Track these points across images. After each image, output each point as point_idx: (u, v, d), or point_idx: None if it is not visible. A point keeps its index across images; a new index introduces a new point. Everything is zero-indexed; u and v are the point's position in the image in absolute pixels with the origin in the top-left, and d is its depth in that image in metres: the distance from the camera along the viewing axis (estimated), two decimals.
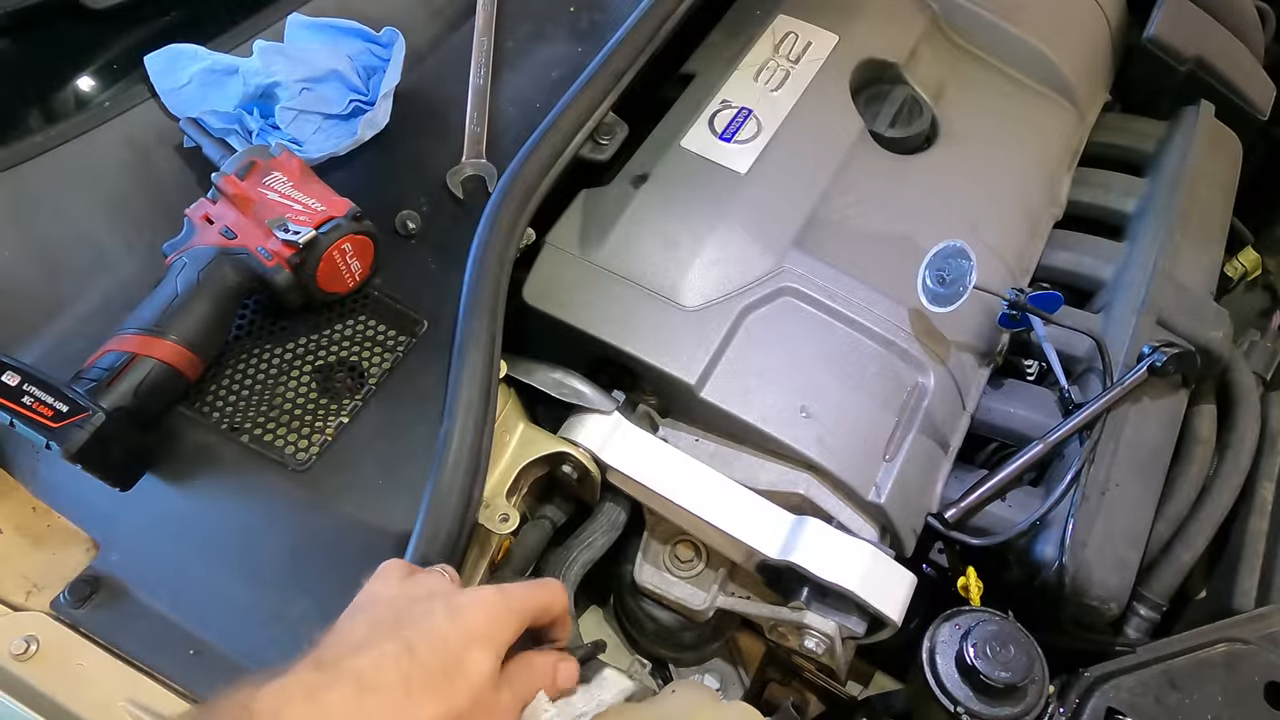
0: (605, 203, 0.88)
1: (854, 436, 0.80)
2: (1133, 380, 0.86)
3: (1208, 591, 0.89)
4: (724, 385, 0.80)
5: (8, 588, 0.70)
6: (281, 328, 0.75)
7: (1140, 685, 0.72)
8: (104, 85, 0.96)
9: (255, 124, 0.86)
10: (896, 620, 0.74)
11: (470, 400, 0.69)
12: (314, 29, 0.93)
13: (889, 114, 1.00)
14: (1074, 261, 1.03)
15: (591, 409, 0.80)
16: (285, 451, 0.69)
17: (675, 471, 0.78)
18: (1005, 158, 1.03)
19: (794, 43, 1.01)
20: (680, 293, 0.82)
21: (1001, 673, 0.68)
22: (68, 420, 0.61)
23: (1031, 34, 1.10)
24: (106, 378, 0.65)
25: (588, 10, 0.99)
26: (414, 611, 0.51)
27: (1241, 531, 0.87)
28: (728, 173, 0.89)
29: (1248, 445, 0.92)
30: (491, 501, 0.73)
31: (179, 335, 0.67)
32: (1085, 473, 0.82)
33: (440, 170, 0.84)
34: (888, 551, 0.76)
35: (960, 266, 0.82)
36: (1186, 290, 0.96)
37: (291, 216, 0.72)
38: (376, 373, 0.74)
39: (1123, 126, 1.18)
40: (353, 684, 0.46)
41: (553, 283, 0.83)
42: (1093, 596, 0.79)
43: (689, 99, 0.96)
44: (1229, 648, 0.74)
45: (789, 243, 0.87)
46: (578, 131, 0.85)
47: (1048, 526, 0.81)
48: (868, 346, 0.84)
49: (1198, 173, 1.06)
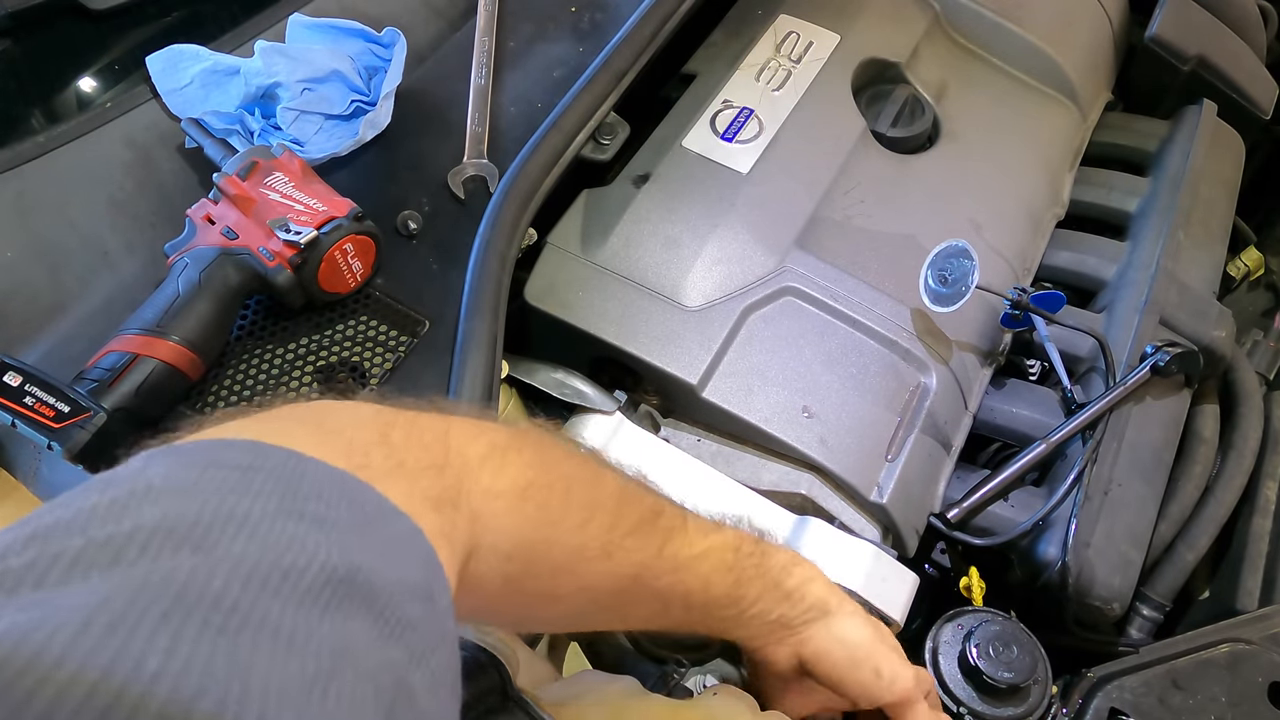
0: (607, 203, 0.88)
1: (856, 436, 0.80)
2: (1135, 380, 0.86)
3: (1211, 592, 0.88)
4: (726, 385, 0.80)
5: None
6: (283, 328, 0.75)
7: (1143, 686, 0.72)
8: (105, 86, 0.96)
9: (257, 124, 0.86)
10: (899, 620, 0.74)
11: (472, 400, 0.69)
12: (315, 29, 0.93)
13: (891, 113, 1.00)
14: (1076, 261, 1.03)
15: (593, 409, 0.80)
16: None
17: (677, 472, 0.78)
18: (1007, 157, 1.03)
19: (795, 42, 1.01)
20: (682, 293, 0.82)
21: (1004, 673, 0.67)
22: (69, 420, 0.61)
23: (1034, 33, 1.10)
24: (108, 378, 0.65)
25: (589, 10, 0.99)
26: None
27: (1245, 531, 0.87)
28: (729, 173, 0.89)
29: (1251, 445, 0.92)
30: None
31: (181, 335, 0.67)
32: (1088, 473, 0.82)
33: (441, 170, 0.84)
34: (890, 552, 0.76)
35: (962, 266, 0.82)
36: (1189, 290, 0.96)
37: (293, 217, 0.72)
38: (378, 373, 0.74)
39: (1125, 126, 1.18)
40: (854, 606, 0.61)
41: (554, 283, 0.83)
42: (1095, 597, 0.79)
43: (690, 99, 0.96)
44: (1232, 648, 0.74)
45: (791, 242, 0.87)
46: (579, 131, 0.85)
47: (1050, 526, 0.81)
48: (870, 346, 0.84)
49: (1200, 172, 1.06)
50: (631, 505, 0.51)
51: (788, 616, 0.58)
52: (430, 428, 0.43)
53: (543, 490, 0.46)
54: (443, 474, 0.41)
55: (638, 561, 0.51)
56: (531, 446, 0.48)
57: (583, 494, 0.49)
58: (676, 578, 0.53)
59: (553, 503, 0.47)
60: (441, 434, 0.43)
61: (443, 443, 0.43)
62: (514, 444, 0.46)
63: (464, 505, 0.42)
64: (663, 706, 0.67)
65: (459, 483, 0.42)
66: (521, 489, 0.45)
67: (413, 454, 0.40)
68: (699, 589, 0.54)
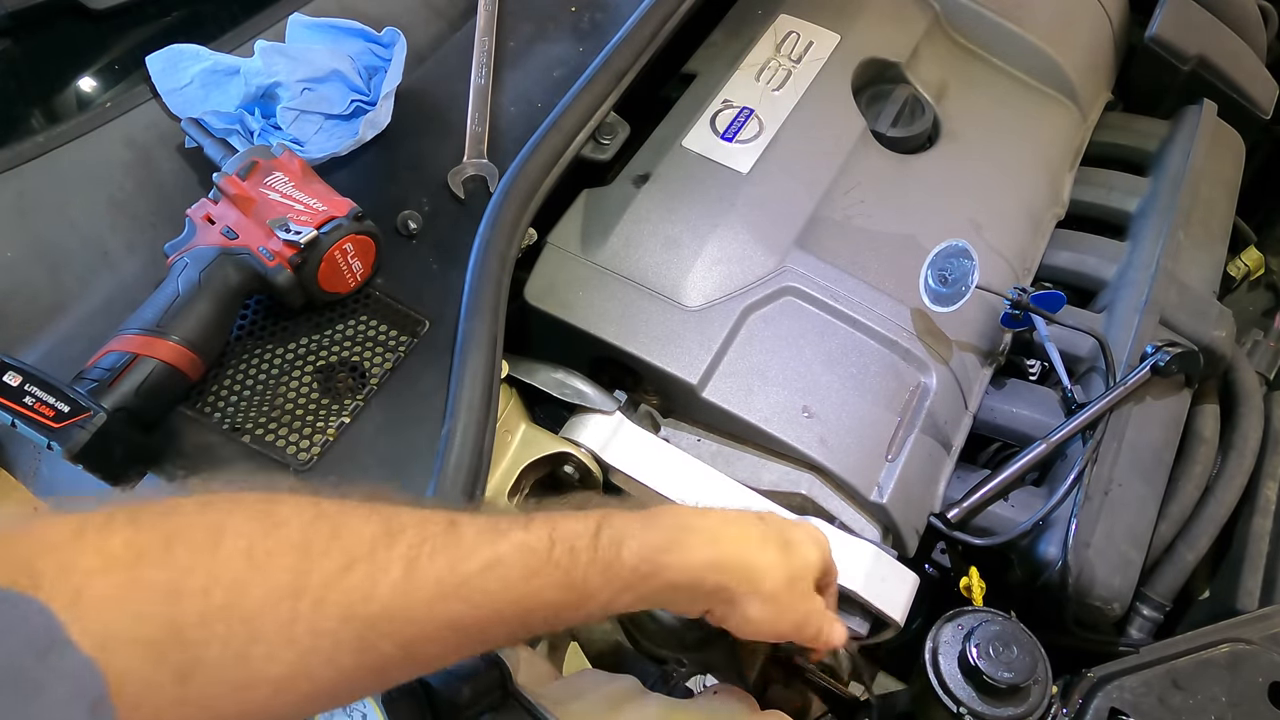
0: (607, 202, 0.88)
1: (856, 437, 0.80)
2: (1135, 380, 0.86)
3: (1211, 592, 0.88)
4: (726, 385, 0.80)
5: None
6: (283, 328, 0.75)
7: (1143, 686, 0.72)
8: (105, 86, 0.96)
9: (256, 124, 0.86)
10: (899, 620, 0.74)
11: (472, 400, 0.69)
12: (315, 29, 0.93)
13: (891, 113, 1.00)
14: (1076, 261, 1.03)
15: (593, 409, 0.80)
16: (287, 452, 0.69)
17: (677, 472, 0.78)
18: (1007, 157, 1.03)
19: (795, 42, 1.01)
20: (682, 292, 0.82)
21: (1005, 673, 0.67)
22: (69, 420, 0.61)
23: (1034, 33, 1.10)
24: (108, 378, 0.65)
25: (589, 10, 0.99)
26: (757, 509, 0.63)
27: (1245, 531, 0.87)
28: (729, 172, 0.89)
29: (1251, 445, 0.92)
30: (493, 501, 0.73)
31: (181, 335, 0.67)
32: (1088, 473, 0.82)
33: (441, 170, 0.84)
34: (890, 552, 0.76)
35: (963, 266, 0.82)
36: (1189, 290, 0.96)
37: (293, 216, 0.72)
38: (378, 373, 0.74)
39: (1125, 126, 1.18)
40: (720, 516, 0.57)
41: (554, 283, 0.83)
42: (1096, 596, 0.79)
43: (690, 99, 0.96)
44: (1232, 648, 0.74)
45: (791, 242, 0.87)
46: (579, 131, 0.85)
47: (1050, 526, 0.81)
48: (870, 346, 0.84)
49: (1200, 172, 1.06)
50: (337, 536, 0.43)
51: (669, 599, 0.54)
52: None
53: (166, 552, 0.38)
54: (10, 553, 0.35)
55: (370, 598, 0.42)
56: (147, 512, 0.40)
57: (241, 540, 0.40)
58: (462, 600, 0.45)
59: (191, 563, 0.39)
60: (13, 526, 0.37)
61: (15, 530, 0.37)
62: (119, 515, 0.39)
63: (48, 587, 0.35)
64: (662, 706, 0.67)
65: (31, 563, 0.35)
66: (135, 557, 0.38)
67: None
68: (511, 609, 0.47)
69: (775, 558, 0.57)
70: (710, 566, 0.53)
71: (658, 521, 0.53)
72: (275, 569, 0.40)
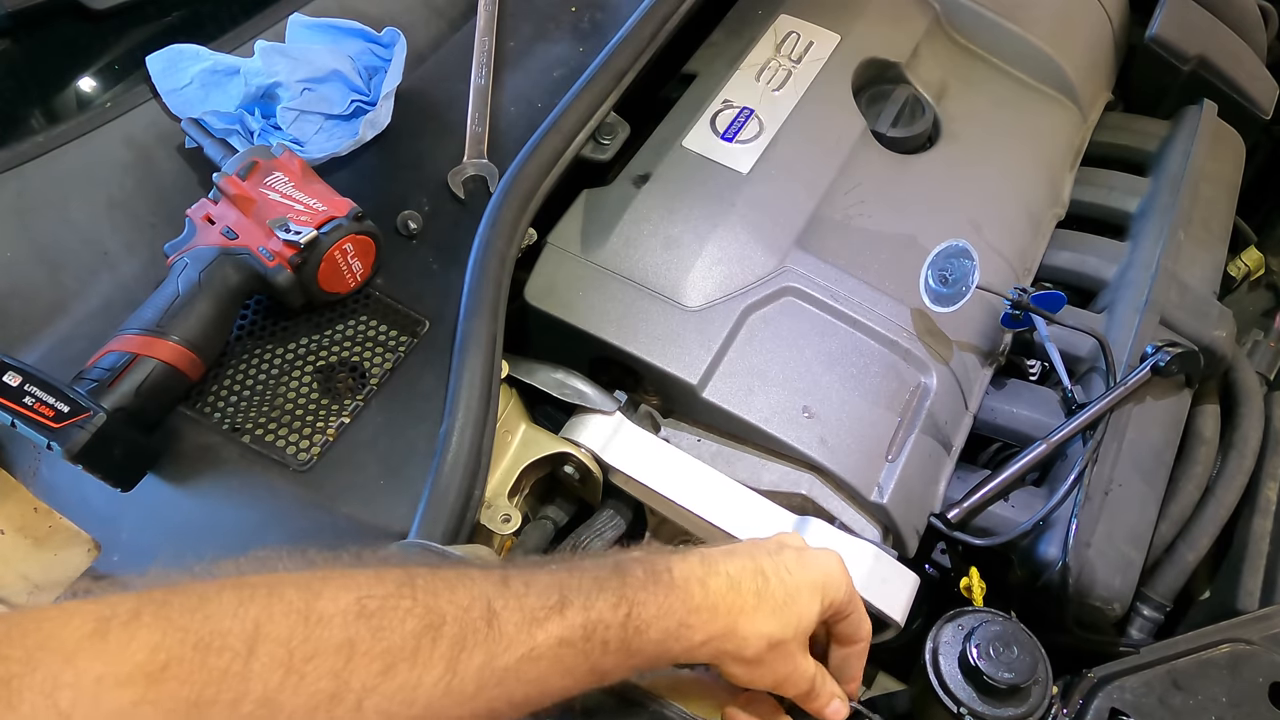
0: (607, 203, 0.88)
1: (856, 437, 0.80)
2: (1136, 380, 0.86)
3: (1211, 592, 0.88)
4: (726, 385, 0.80)
5: (9, 588, 0.70)
6: (283, 328, 0.75)
7: (1144, 686, 0.72)
8: (105, 86, 0.96)
9: (256, 124, 0.86)
10: (900, 621, 0.74)
11: (471, 400, 0.69)
12: (315, 29, 0.93)
13: (891, 113, 1.00)
14: (1077, 261, 1.03)
15: (593, 409, 0.80)
16: (287, 452, 0.69)
17: (677, 472, 0.78)
18: (1008, 157, 1.03)
19: (796, 42, 1.01)
20: (682, 293, 0.82)
21: (1005, 673, 0.67)
22: (69, 421, 0.61)
23: (1034, 33, 1.10)
24: (108, 378, 0.65)
25: (589, 10, 0.99)
26: (765, 547, 0.60)
27: (1245, 532, 0.87)
28: (729, 173, 0.89)
29: (1251, 445, 0.92)
30: (493, 502, 0.73)
31: (180, 335, 0.67)
32: (1088, 473, 0.82)
33: (442, 170, 0.84)
34: (890, 552, 0.76)
35: (963, 266, 0.82)
36: (1190, 290, 0.96)
37: (293, 217, 0.72)
38: (378, 373, 0.74)
39: (1125, 126, 1.18)
40: (725, 579, 0.55)
41: (554, 283, 0.83)
42: (1096, 597, 0.79)
43: (690, 99, 0.96)
44: (1233, 648, 0.74)
45: (791, 242, 0.87)
46: (579, 131, 0.85)
47: (1051, 527, 0.81)
48: (870, 346, 0.84)
49: (1201, 172, 1.06)
50: (379, 635, 0.41)
51: (682, 651, 0.54)
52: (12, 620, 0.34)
53: (197, 662, 0.36)
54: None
55: (412, 701, 0.40)
56: (178, 606, 0.38)
57: (279, 648, 0.38)
58: (499, 692, 0.44)
59: (224, 670, 0.36)
60: (21, 619, 0.35)
61: (19, 627, 0.34)
62: (147, 609, 0.37)
63: (30, 702, 0.32)
64: None
65: (28, 673, 0.33)
66: (159, 668, 0.35)
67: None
68: (538, 695, 0.47)
69: (763, 625, 0.55)
70: (706, 642, 0.54)
71: (672, 598, 0.53)
72: (314, 675, 0.39)
